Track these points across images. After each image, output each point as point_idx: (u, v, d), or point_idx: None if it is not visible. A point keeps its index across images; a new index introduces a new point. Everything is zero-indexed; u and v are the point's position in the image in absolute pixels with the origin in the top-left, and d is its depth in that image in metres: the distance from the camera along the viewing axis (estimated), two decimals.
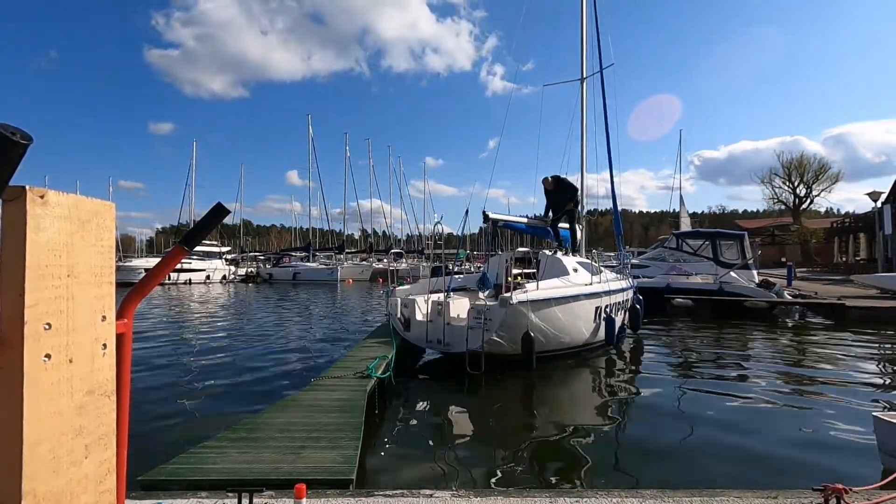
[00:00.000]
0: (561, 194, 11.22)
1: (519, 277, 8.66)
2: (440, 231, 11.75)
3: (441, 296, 8.71)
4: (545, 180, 11.34)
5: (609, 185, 12.75)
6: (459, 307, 8.82)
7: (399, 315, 9.12)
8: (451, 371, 8.30)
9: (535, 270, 9.00)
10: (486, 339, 7.63)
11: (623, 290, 10.73)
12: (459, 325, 8.20)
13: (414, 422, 6.04)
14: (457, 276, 11.13)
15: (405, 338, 8.94)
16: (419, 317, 8.85)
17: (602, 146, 13.80)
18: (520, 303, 7.71)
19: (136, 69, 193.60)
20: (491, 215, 9.93)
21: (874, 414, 4.34)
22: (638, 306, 11.42)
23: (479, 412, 6.52)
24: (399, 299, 9.25)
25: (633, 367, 9.08)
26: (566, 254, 11.15)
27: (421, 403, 6.91)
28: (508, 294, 7.72)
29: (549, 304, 8.24)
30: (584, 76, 14.13)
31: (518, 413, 6.59)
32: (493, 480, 4.24)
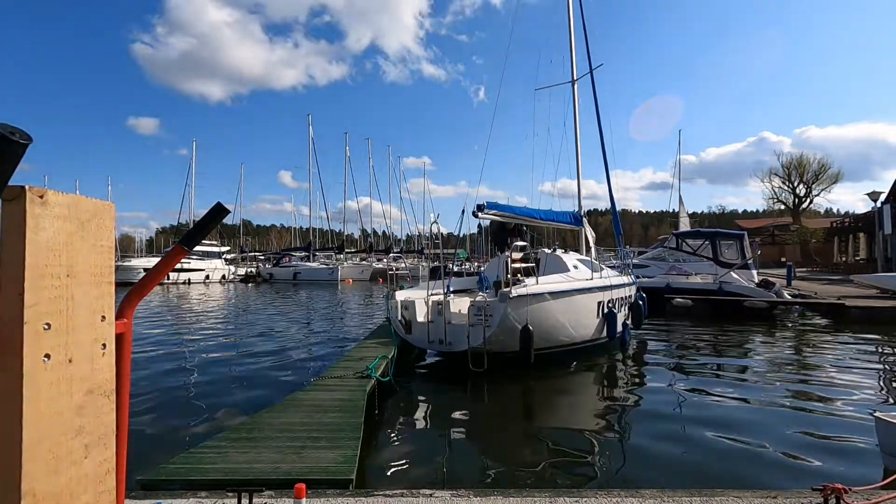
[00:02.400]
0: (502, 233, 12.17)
1: (518, 273, 8.67)
2: (436, 230, 11.73)
3: (441, 296, 8.71)
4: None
5: (606, 186, 12.86)
6: (460, 306, 8.81)
7: (400, 317, 9.12)
8: (450, 371, 8.30)
9: (534, 265, 9.01)
10: (487, 336, 7.63)
11: (624, 285, 10.71)
12: (460, 323, 8.20)
13: (413, 422, 6.04)
14: (457, 278, 11.13)
15: (407, 340, 8.94)
16: (420, 318, 8.85)
17: (587, 147, 14.09)
18: (519, 297, 7.71)
19: (131, 71, 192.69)
20: (482, 214, 9.83)
21: (875, 414, 4.34)
22: (640, 303, 11.39)
23: (479, 412, 6.52)
24: (399, 301, 9.24)
25: (633, 368, 9.08)
26: (566, 252, 11.19)
27: (421, 403, 6.91)
28: (508, 289, 7.72)
29: (548, 297, 8.24)
30: (575, 78, 14.26)
31: (518, 413, 6.59)
32: (493, 480, 4.24)
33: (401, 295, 9.57)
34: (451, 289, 9.49)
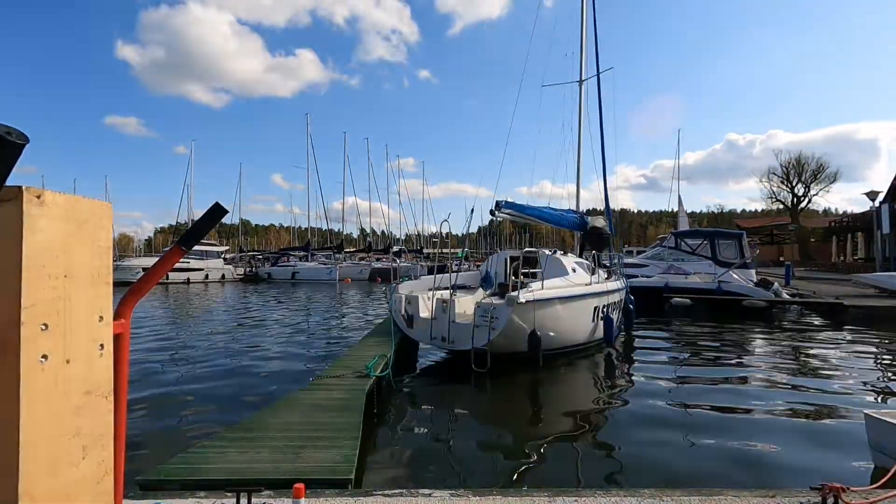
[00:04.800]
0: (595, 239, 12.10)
1: (522, 276, 8.72)
2: (446, 230, 11.67)
3: (446, 293, 8.72)
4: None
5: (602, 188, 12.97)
6: (464, 305, 8.83)
7: (403, 312, 9.12)
8: (449, 370, 8.31)
9: (539, 269, 9.06)
10: (492, 338, 7.67)
11: (618, 290, 10.85)
12: (465, 322, 8.23)
13: (412, 421, 6.05)
14: (459, 274, 11.16)
15: (408, 335, 8.96)
16: (423, 314, 8.85)
17: (588, 148, 14.18)
18: (527, 302, 7.78)
19: (120, 73, 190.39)
20: (499, 213, 9.84)
21: (865, 412, 4.37)
22: (631, 306, 11.50)
23: (478, 411, 6.52)
24: (403, 296, 9.24)
25: (632, 367, 9.09)
26: (565, 254, 11.21)
27: (419, 402, 6.92)
28: (515, 293, 7.77)
29: (553, 303, 8.33)
30: (583, 78, 14.35)
31: (517, 412, 6.59)
32: (492, 480, 4.24)
33: (404, 288, 9.54)
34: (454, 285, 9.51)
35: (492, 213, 9.91)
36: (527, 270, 9.09)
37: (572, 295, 8.78)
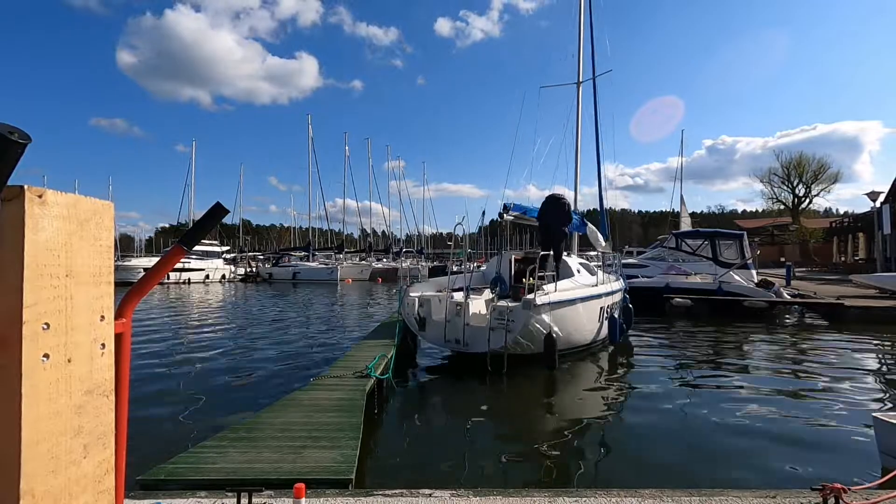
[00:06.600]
0: (554, 218, 10.09)
1: (531, 277, 8.77)
2: (448, 230, 11.67)
3: (459, 295, 8.73)
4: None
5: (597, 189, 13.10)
6: (477, 307, 8.83)
7: (416, 314, 9.10)
8: (450, 370, 8.31)
9: (551, 272, 9.20)
10: (509, 341, 7.74)
11: (620, 290, 10.95)
12: (479, 325, 8.24)
13: (413, 421, 6.05)
14: (465, 275, 11.16)
15: (420, 337, 9.04)
16: (436, 316, 8.81)
17: (584, 151, 14.36)
18: (542, 305, 7.84)
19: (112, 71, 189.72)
20: (507, 215, 9.93)
21: (874, 414, 4.36)
22: (630, 305, 11.54)
23: (478, 412, 6.52)
24: (416, 298, 9.21)
25: (633, 368, 9.09)
26: (569, 255, 11.23)
27: (420, 402, 6.92)
28: (532, 296, 7.81)
29: (565, 305, 8.44)
30: (581, 80, 14.51)
31: (516, 412, 6.59)
32: (493, 480, 4.24)
33: (415, 291, 9.53)
34: (457, 285, 9.51)
35: (500, 215, 10.08)
36: (540, 274, 9.15)
37: (584, 296, 8.92)
